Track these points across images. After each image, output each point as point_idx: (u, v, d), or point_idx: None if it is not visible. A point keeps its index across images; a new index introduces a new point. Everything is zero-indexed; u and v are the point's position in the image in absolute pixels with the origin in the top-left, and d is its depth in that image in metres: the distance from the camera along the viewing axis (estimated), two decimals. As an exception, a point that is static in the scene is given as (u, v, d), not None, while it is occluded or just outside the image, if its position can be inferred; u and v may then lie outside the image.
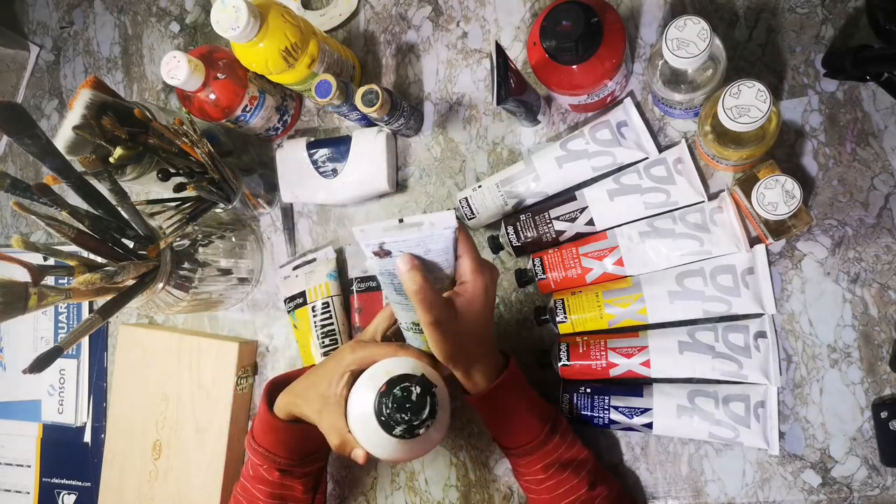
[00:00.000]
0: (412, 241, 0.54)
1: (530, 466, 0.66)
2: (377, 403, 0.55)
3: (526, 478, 0.67)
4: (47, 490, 0.97)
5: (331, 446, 0.63)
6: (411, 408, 0.54)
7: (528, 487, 0.68)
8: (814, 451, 0.67)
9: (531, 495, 0.68)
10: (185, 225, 0.76)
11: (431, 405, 0.55)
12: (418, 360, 0.60)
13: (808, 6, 0.70)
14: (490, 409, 0.65)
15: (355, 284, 0.81)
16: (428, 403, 0.54)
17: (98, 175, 0.67)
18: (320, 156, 0.82)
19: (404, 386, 0.55)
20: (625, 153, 0.72)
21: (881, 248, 0.67)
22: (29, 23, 1.06)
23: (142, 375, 0.89)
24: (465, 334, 0.59)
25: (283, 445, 0.68)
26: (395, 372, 0.56)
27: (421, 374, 0.56)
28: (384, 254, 0.55)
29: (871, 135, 0.68)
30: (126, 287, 0.69)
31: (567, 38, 0.62)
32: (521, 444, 0.65)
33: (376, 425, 0.55)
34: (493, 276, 0.61)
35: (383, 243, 0.54)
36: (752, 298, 0.68)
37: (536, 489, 0.67)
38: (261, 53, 0.70)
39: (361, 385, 0.59)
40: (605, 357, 0.70)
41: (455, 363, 0.61)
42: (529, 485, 0.67)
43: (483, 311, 0.60)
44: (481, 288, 0.59)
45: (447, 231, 0.54)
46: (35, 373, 0.60)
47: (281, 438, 0.68)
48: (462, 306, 0.59)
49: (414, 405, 0.54)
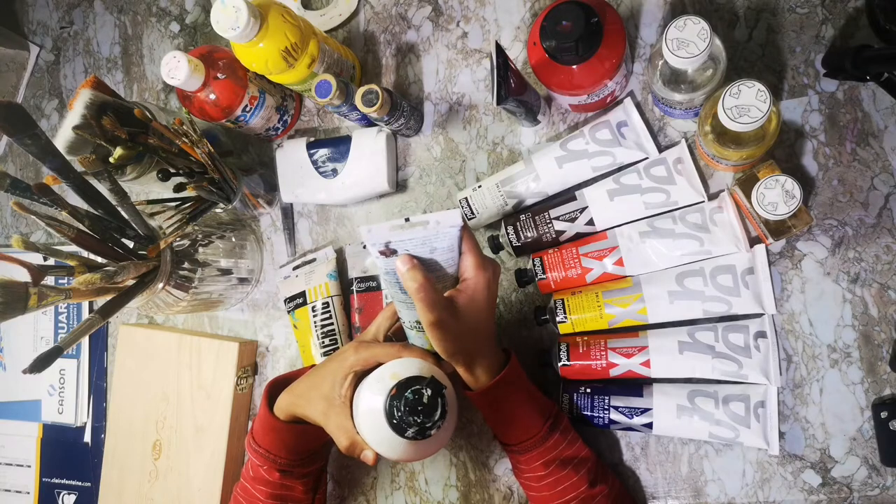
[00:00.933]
0: (418, 240, 0.55)
1: (530, 463, 0.66)
2: (388, 406, 0.55)
3: (526, 475, 0.67)
4: (47, 490, 0.97)
5: (339, 448, 0.63)
6: (423, 410, 0.54)
7: (529, 485, 0.68)
8: (814, 451, 0.67)
9: (531, 493, 0.68)
10: (185, 225, 0.76)
11: (442, 406, 0.55)
12: (424, 361, 0.61)
13: (808, 6, 0.70)
14: (491, 404, 0.65)
15: (355, 284, 0.81)
16: (439, 405, 0.55)
17: (98, 175, 0.67)
18: (320, 156, 0.82)
19: (415, 389, 0.55)
20: (625, 153, 0.72)
21: (881, 248, 0.67)
22: (29, 23, 1.06)
23: (142, 375, 0.89)
24: (467, 331, 0.60)
25: (284, 446, 0.68)
26: (402, 374, 0.56)
27: (431, 376, 0.56)
28: (390, 252, 0.56)
29: (871, 135, 0.68)
30: (126, 287, 0.69)
31: (567, 38, 0.62)
32: (521, 440, 0.65)
33: (387, 427, 0.55)
34: (496, 273, 0.62)
35: (389, 242, 0.55)
36: (752, 298, 0.68)
37: (536, 486, 0.67)
38: (261, 53, 0.70)
39: (367, 387, 0.59)
40: (605, 357, 0.70)
41: (457, 360, 0.61)
42: (529, 482, 0.67)
43: (485, 307, 0.60)
44: (483, 284, 0.59)
45: (453, 229, 0.54)
46: (35, 373, 0.60)
47: (281, 439, 0.68)
48: (464, 303, 0.59)
49: (426, 407, 0.55)
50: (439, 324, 0.57)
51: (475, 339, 0.62)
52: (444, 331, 0.57)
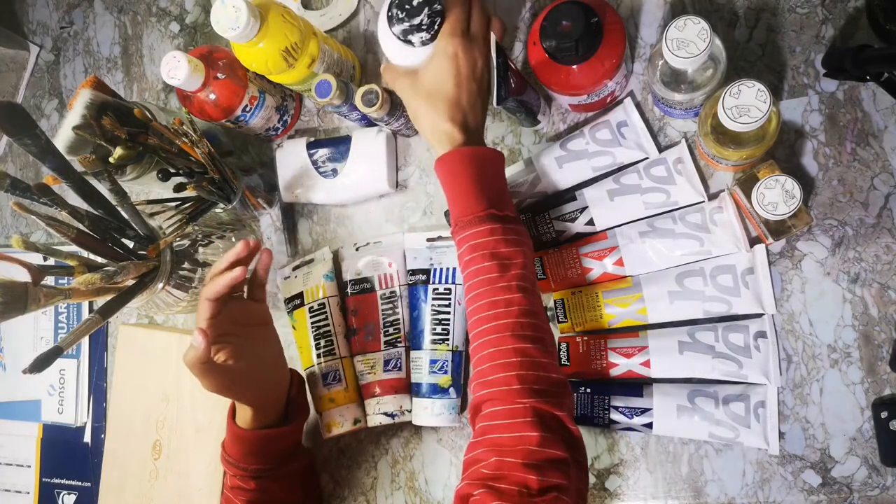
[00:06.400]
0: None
1: (461, 246, 0.63)
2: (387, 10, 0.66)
3: (461, 263, 0.64)
4: (47, 490, 0.97)
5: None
6: (409, 10, 0.64)
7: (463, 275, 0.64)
8: (814, 451, 0.67)
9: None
10: (185, 225, 0.76)
11: (430, 17, 0.64)
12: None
13: (808, 6, 0.70)
14: (444, 175, 0.64)
15: (349, 287, 0.81)
16: (425, 12, 0.64)
17: (98, 175, 0.67)
18: (320, 156, 0.82)
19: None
20: (625, 153, 0.72)
21: (881, 248, 0.67)
22: (29, 23, 1.06)
23: (142, 376, 0.89)
24: (430, 93, 0.64)
25: (252, 453, 0.70)
26: None
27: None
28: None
29: (871, 135, 0.68)
30: (126, 287, 0.69)
31: (567, 38, 0.62)
32: (459, 216, 0.63)
33: (385, 24, 0.66)
34: (467, 48, 0.65)
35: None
36: (752, 298, 0.68)
37: (463, 273, 0.63)
38: (261, 53, 0.70)
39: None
40: (605, 357, 0.70)
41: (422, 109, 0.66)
42: (462, 270, 0.64)
43: (448, 76, 0.64)
44: (441, 51, 0.64)
45: None
46: (35, 373, 0.60)
47: (249, 448, 0.69)
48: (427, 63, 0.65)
49: (413, 8, 0.64)
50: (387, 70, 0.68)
51: (444, 101, 0.64)
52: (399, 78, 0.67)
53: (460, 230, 0.62)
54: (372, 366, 0.78)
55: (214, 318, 0.66)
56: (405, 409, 0.77)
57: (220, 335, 0.67)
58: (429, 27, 0.65)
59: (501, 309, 0.59)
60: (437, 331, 0.76)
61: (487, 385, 0.58)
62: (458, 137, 0.64)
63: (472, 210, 0.62)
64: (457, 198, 0.63)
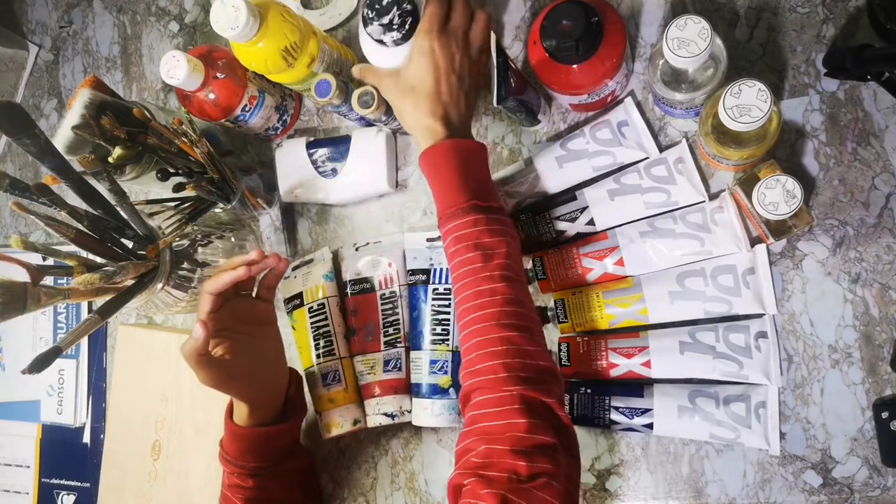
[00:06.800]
0: None
1: (446, 237, 0.63)
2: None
3: (446, 254, 0.64)
4: (46, 491, 0.97)
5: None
6: (378, 10, 0.65)
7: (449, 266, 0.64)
8: (815, 451, 0.67)
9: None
10: (185, 225, 0.76)
11: (401, 16, 0.65)
12: None
13: (808, 5, 0.70)
14: (429, 168, 0.64)
15: (349, 287, 0.81)
16: (396, 11, 0.65)
17: (97, 175, 0.67)
18: (320, 155, 0.82)
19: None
20: (625, 153, 0.72)
21: (882, 248, 0.67)
22: (28, 22, 1.05)
23: (141, 376, 0.89)
24: (409, 88, 0.65)
25: (250, 451, 0.69)
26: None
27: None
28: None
29: (872, 134, 0.68)
30: (125, 287, 0.69)
31: (567, 37, 0.62)
32: (444, 208, 0.63)
33: (363, 30, 0.68)
34: (443, 43, 0.65)
35: None
36: (752, 298, 0.68)
37: (449, 265, 0.63)
38: (260, 53, 0.70)
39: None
40: (606, 357, 0.70)
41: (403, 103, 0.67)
42: (448, 262, 0.64)
43: (425, 73, 0.65)
44: (418, 48, 0.65)
45: None
46: (34, 373, 0.59)
47: (247, 446, 0.69)
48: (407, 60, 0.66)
49: (382, 8, 0.66)
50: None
51: (424, 97, 0.64)
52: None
53: (445, 222, 0.63)
54: (372, 366, 0.78)
55: (215, 313, 0.66)
56: (405, 409, 0.77)
57: (221, 329, 0.67)
58: (400, 26, 0.65)
59: (486, 298, 0.59)
60: (437, 331, 0.75)
61: (475, 374, 0.58)
62: (440, 131, 0.64)
63: (455, 202, 0.62)
64: (441, 190, 0.64)
